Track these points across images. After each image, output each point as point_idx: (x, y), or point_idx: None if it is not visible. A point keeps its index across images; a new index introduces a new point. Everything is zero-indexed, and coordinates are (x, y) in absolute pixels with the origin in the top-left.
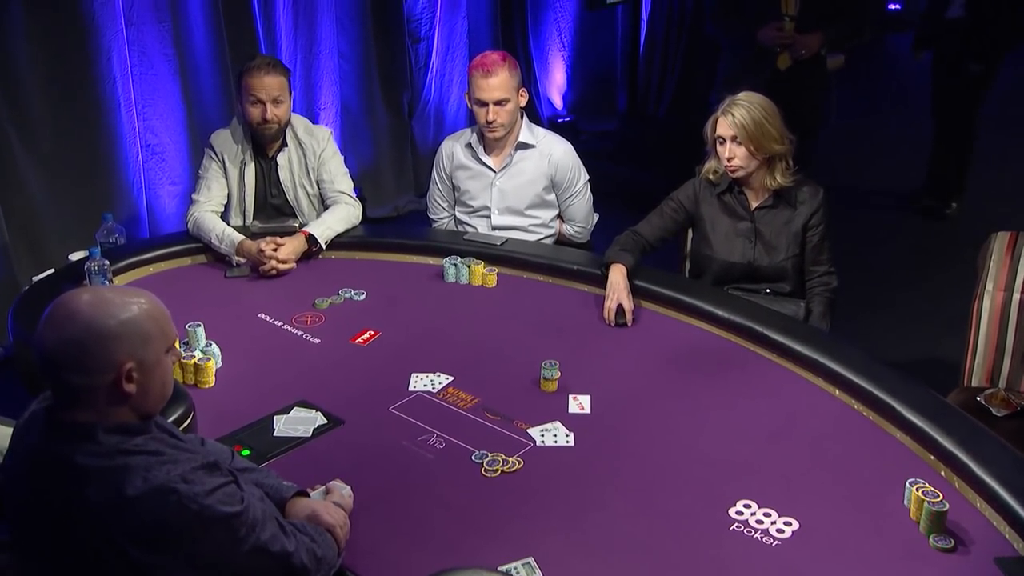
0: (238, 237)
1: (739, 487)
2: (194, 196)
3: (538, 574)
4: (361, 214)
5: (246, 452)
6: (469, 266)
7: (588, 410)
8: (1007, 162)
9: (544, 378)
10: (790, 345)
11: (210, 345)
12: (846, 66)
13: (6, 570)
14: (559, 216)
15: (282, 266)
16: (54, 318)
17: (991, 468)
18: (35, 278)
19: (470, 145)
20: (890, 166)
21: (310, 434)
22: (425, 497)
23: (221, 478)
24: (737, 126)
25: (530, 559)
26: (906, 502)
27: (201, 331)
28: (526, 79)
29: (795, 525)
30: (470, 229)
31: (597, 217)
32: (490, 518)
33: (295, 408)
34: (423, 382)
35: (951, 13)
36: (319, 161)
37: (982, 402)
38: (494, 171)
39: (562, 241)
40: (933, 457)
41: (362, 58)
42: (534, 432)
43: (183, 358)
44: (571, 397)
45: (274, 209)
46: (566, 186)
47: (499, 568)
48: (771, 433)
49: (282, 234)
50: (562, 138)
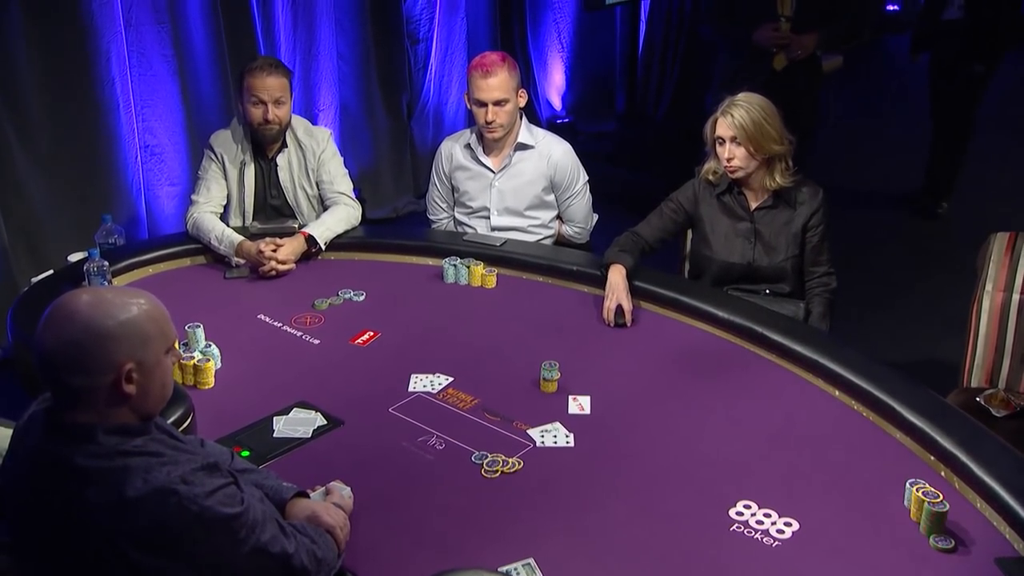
0: (237, 238)
1: (739, 488)
2: (193, 197)
3: (538, 575)
4: (361, 215)
5: (246, 453)
6: (469, 267)
7: (588, 411)
8: (1007, 162)
9: (544, 379)
10: (790, 346)
11: (209, 346)
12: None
13: (6, 572)
14: (558, 217)
15: (281, 267)
16: (53, 319)
17: (991, 468)
18: (34, 279)
19: (469, 146)
20: (890, 167)
21: (310, 435)
22: (425, 498)
23: (221, 479)
24: (736, 127)
25: (530, 560)
26: (906, 503)
27: (200, 332)
28: (525, 80)
29: (795, 526)
30: (469, 230)
31: (596, 218)
32: (490, 519)
33: (295, 409)
34: (423, 383)
35: (947, 15)
36: (319, 162)
37: (981, 403)
38: (493, 172)
39: (561, 242)
40: (933, 458)
41: (361, 59)
42: (534, 433)
43: (182, 359)
44: (571, 398)
45: (273, 210)
46: (565, 187)
47: (499, 569)
48: (771, 434)
49: (281, 235)
50: (561, 139)
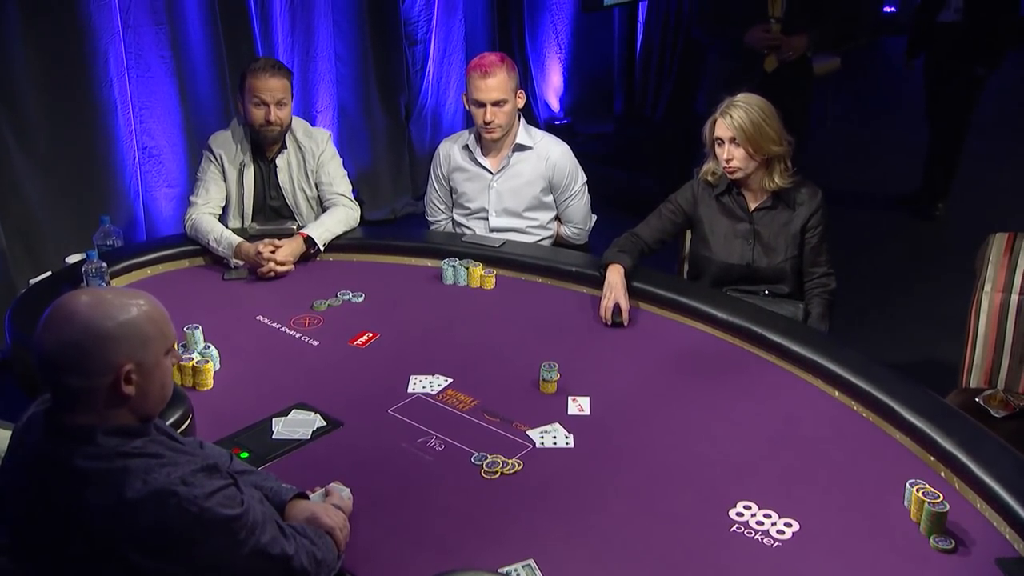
0: (236, 239)
1: (739, 488)
2: (192, 198)
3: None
4: (359, 216)
5: (245, 454)
6: (468, 268)
7: (587, 412)
8: (1006, 163)
9: (543, 380)
10: (789, 347)
11: (208, 347)
12: (842, 68)
13: (5, 573)
14: (557, 218)
15: (280, 268)
16: (52, 320)
17: (991, 469)
18: (32, 281)
19: (467, 147)
20: (888, 168)
21: (309, 436)
22: (424, 499)
23: (221, 480)
24: (735, 127)
25: (530, 561)
26: (906, 503)
27: (199, 333)
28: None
29: (795, 526)
30: (468, 231)
31: (595, 219)
32: (490, 520)
33: (294, 410)
34: (422, 384)
35: (942, 18)
36: (318, 163)
37: (981, 403)
38: (492, 173)
39: (560, 243)
40: (933, 458)
41: (359, 61)
42: (533, 434)
43: (181, 360)
44: (570, 399)
45: (273, 211)
46: (564, 187)
47: (499, 570)
48: (771, 434)
49: (280, 236)
50: (559, 140)
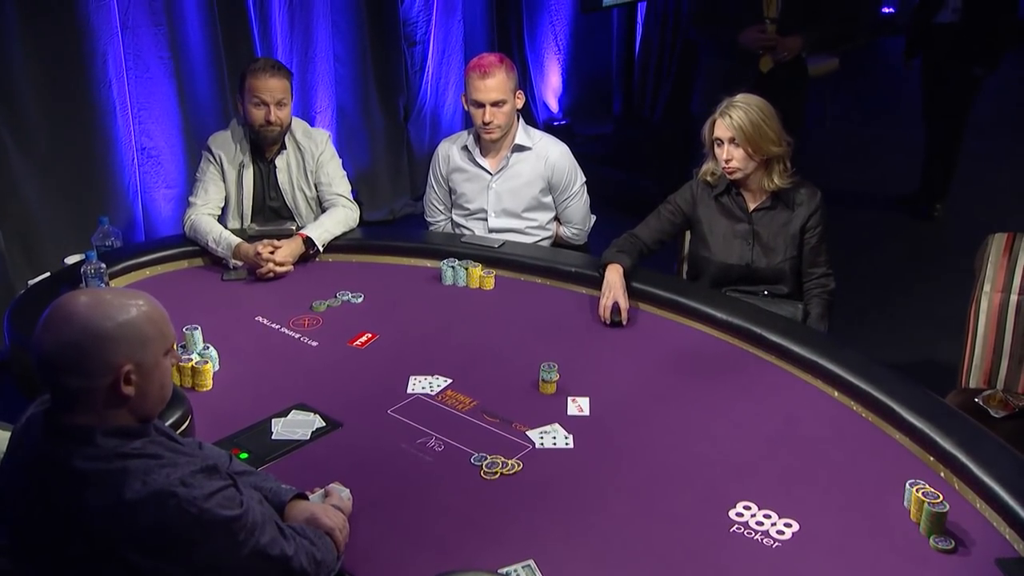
0: (235, 240)
1: (739, 489)
2: (191, 199)
3: None
4: (359, 217)
5: (244, 455)
6: (467, 268)
7: (587, 412)
8: (1004, 163)
9: (543, 380)
10: (789, 347)
11: (207, 348)
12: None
13: (4, 574)
14: (556, 218)
15: (279, 269)
16: (52, 320)
17: (991, 469)
18: (31, 282)
19: (466, 148)
20: (886, 169)
21: (308, 437)
22: (424, 500)
23: (220, 481)
24: (735, 128)
25: (530, 561)
26: (906, 503)
27: (198, 334)
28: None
29: (795, 527)
30: (467, 232)
31: (594, 219)
32: (490, 520)
33: (293, 411)
34: (421, 385)
35: (939, 19)
36: (317, 164)
37: (980, 403)
38: (490, 173)
39: (559, 243)
40: (933, 458)
41: (358, 62)
42: (533, 434)
43: (180, 361)
44: (570, 399)
45: (272, 212)
46: (563, 188)
47: (499, 571)
48: (770, 435)
49: (279, 237)
50: (558, 140)
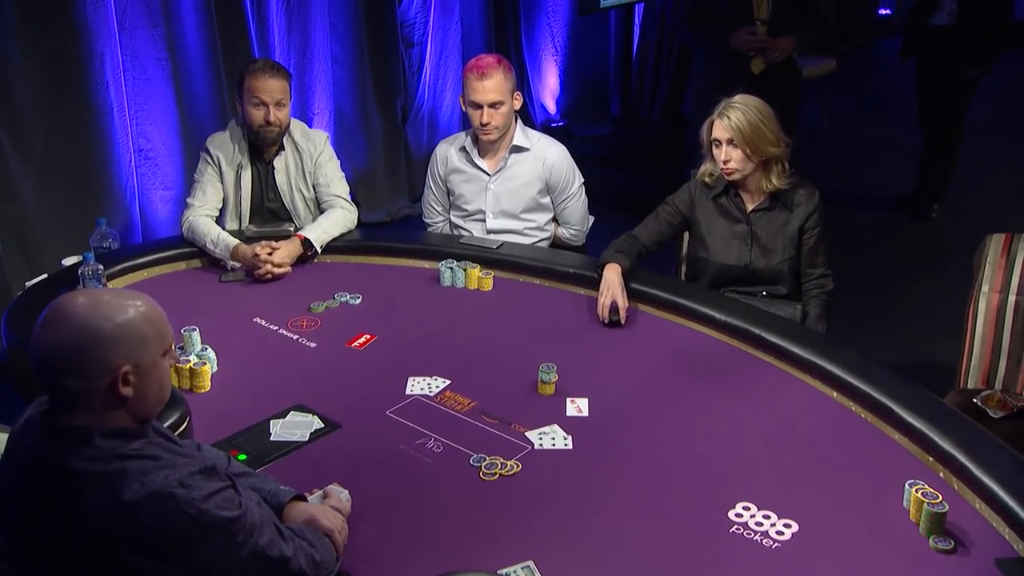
0: (233, 241)
1: (738, 489)
2: (189, 200)
3: None
4: (357, 218)
5: (242, 457)
6: (465, 269)
7: (586, 413)
8: (1002, 164)
9: (541, 381)
10: (787, 347)
11: (205, 350)
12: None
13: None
14: (554, 219)
15: (277, 270)
16: (49, 321)
17: (990, 469)
18: (28, 283)
19: (464, 149)
20: (884, 170)
21: (307, 438)
22: (423, 501)
23: (219, 483)
24: (733, 128)
25: (530, 562)
26: (905, 504)
27: (196, 336)
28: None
29: (795, 527)
30: (465, 233)
31: (592, 220)
32: (489, 521)
33: (291, 412)
34: (420, 386)
35: (934, 20)
36: (315, 165)
37: (978, 404)
38: (488, 174)
39: (557, 244)
40: (932, 458)
41: (355, 63)
42: (532, 435)
43: (179, 362)
44: (569, 400)
45: (270, 213)
46: (561, 189)
47: (498, 572)
48: (769, 435)
49: (277, 238)
50: (556, 141)
